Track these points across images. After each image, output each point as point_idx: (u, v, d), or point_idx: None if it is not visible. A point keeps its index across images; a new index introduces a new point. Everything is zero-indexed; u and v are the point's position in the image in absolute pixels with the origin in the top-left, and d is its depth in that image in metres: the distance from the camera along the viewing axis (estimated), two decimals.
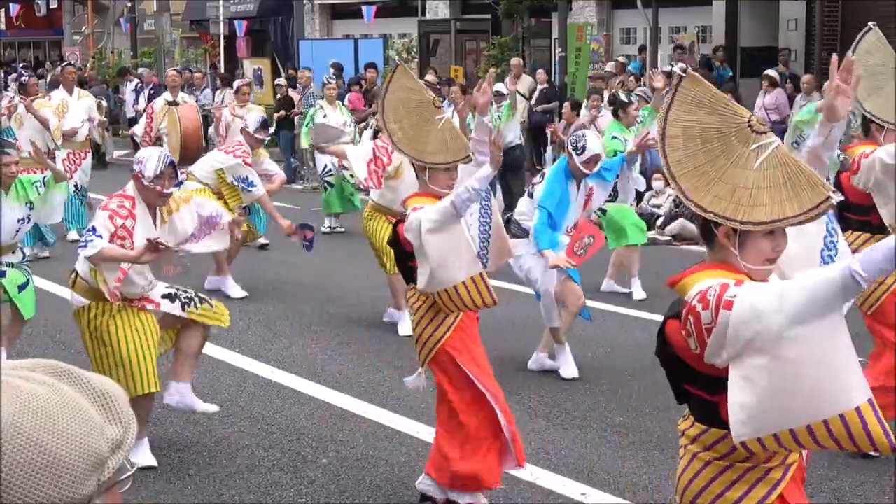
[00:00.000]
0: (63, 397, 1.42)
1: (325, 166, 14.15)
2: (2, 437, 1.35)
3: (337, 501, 5.79)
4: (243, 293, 10.60)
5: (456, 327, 5.51)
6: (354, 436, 6.76)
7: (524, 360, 8.24)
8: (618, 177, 8.49)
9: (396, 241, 5.62)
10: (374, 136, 15.00)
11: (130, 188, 6.09)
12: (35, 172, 10.04)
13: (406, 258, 5.59)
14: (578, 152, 7.75)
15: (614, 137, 10.34)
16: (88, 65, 30.06)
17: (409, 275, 5.61)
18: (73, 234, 13.25)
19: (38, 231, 11.43)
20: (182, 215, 6.26)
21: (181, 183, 6.19)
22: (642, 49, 20.03)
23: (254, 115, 11.11)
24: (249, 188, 10.02)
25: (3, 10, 40.11)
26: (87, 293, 6.11)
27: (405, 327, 9.07)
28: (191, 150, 13.56)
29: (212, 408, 6.59)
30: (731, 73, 18.11)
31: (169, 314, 6.26)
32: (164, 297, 6.24)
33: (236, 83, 14.48)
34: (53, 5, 36.74)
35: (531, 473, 6.07)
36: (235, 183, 10.04)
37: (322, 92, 15.52)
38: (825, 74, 15.88)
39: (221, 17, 26.45)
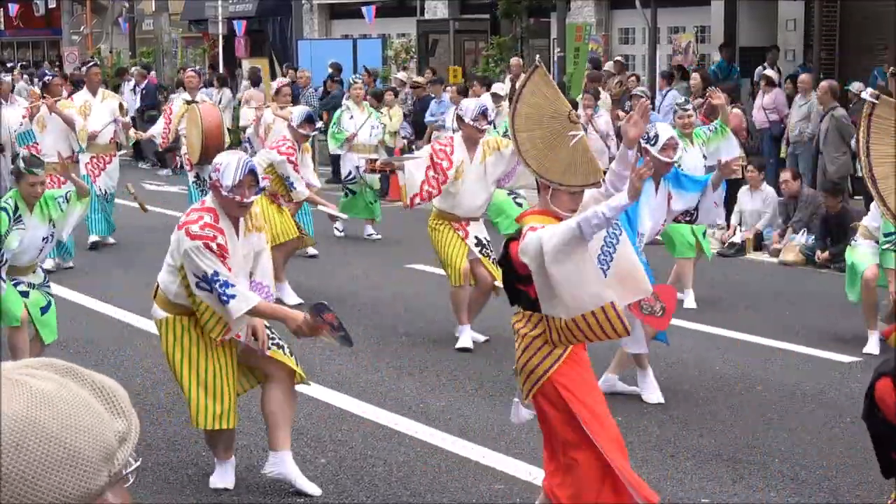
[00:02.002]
0: (71, 392, 1.45)
1: (350, 172, 13.78)
2: (20, 435, 1.38)
3: (335, 501, 5.79)
4: (299, 300, 10.31)
5: (566, 358, 5.03)
6: (353, 436, 6.76)
7: None
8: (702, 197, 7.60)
9: (507, 260, 5.14)
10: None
11: (209, 199, 5.57)
12: (55, 183, 9.81)
13: (516, 280, 5.13)
14: (652, 142, 7.11)
15: None
16: None
17: (516, 297, 5.17)
18: (93, 238, 13.02)
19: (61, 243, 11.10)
20: (263, 238, 5.82)
21: (262, 189, 5.67)
22: (723, 47, 19.03)
23: (298, 108, 10.81)
24: (291, 188, 10.10)
25: (1, 9, 40.09)
26: (168, 306, 5.74)
27: (464, 340, 8.70)
28: (212, 150, 13.29)
29: (314, 489, 5.84)
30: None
31: (250, 351, 5.78)
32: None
33: (275, 84, 13.71)
34: (52, 5, 36.71)
35: (530, 473, 6.08)
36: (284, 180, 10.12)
37: (349, 93, 15.05)
38: (824, 74, 15.93)
39: (220, 17, 26.45)
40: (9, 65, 33.81)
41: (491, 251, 8.63)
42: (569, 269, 4.79)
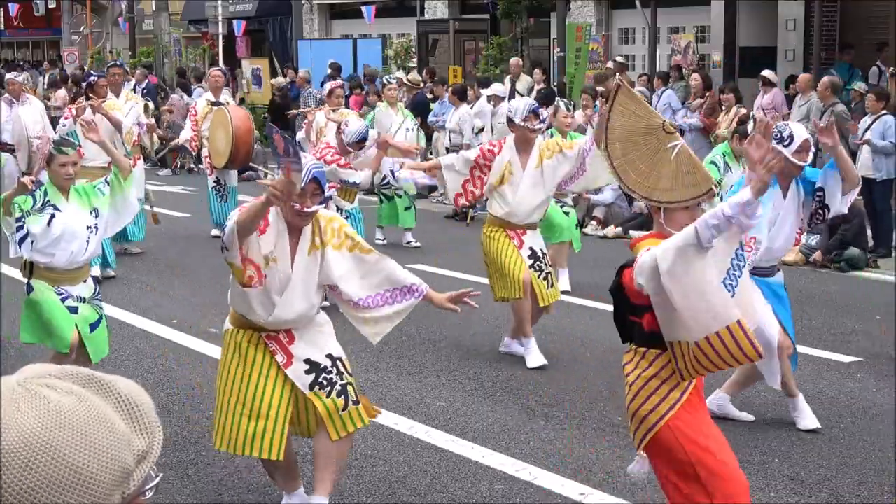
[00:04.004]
0: (91, 408, 1.41)
1: (384, 178, 12.71)
2: (31, 454, 1.35)
3: (335, 501, 5.78)
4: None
5: (684, 402, 4.54)
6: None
7: (523, 360, 8.23)
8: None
9: (619, 289, 4.61)
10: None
11: None
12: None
13: (629, 311, 4.63)
14: (786, 143, 6.44)
15: (712, 163, 8.89)
16: (87, 65, 30.05)
17: (629, 331, 4.69)
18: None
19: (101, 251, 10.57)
20: (343, 257, 5.21)
21: (329, 198, 5.16)
22: (844, 48, 17.89)
23: (355, 124, 9.86)
24: (355, 186, 9.67)
25: (1, 9, 40.09)
26: (232, 317, 5.29)
27: (534, 359, 8.14)
28: (242, 154, 12.79)
29: None
30: None
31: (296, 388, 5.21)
32: (306, 361, 5.21)
33: (328, 86, 12.96)
34: (52, 5, 36.72)
35: (530, 473, 6.08)
36: (343, 184, 9.64)
37: (383, 92, 14.40)
38: (823, 74, 15.92)
39: (220, 17, 26.47)
40: (22, 63, 33.81)
41: (546, 265, 8.27)
42: (687, 285, 4.27)
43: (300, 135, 13.21)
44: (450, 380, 7.91)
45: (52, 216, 6.65)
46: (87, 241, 6.74)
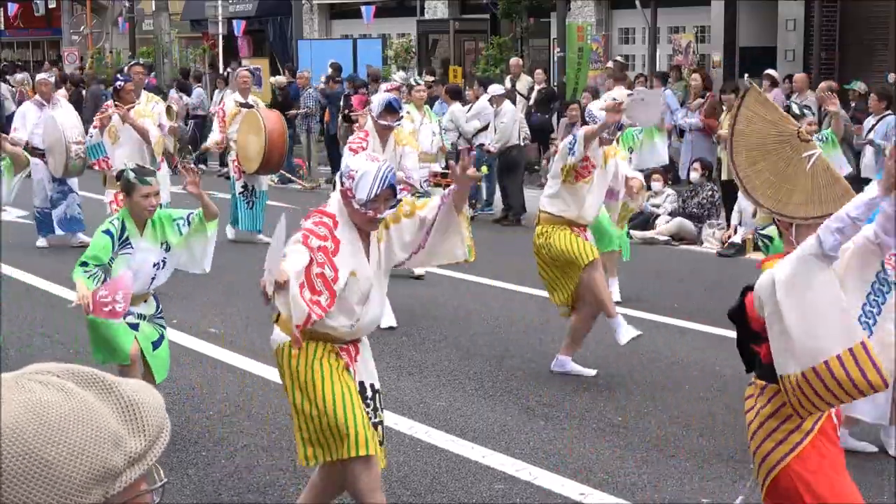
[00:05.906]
0: (77, 405, 1.41)
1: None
2: (4, 443, 1.35)
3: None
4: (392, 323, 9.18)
5: (807, 446, 4.12)
6: None
7: (523, 360, 8.24)
8: None
9: (740, 313, 4.19)
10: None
11: (333, 203, 4.80)
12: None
13: (749, 338, 4.20)
14: None
15: None
16: (87, 64, 30.08)
17: (751, 360, 4.26)
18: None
19: None
20: (402, 227, 4.91)
21: (399, 202, 4.85)
22: None
23: (378, 95, 9.37)
24: None
25: (1, 9, 40.11)
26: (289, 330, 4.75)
27: (626, 332, 7.75)
28: (275, 159, 12.72)
29: None
30: None
31: None
32: (360, 383, 4.91)
33: (384, 86, 11.93)
34: (52, 5, 36.76)
35: (530, 473, 6.08)
36: None
37: (409, 96, 13.17)
38: (823, 75, 15.95)
39: (220, 17, 26.47)
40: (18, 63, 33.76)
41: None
42: (806, 301, 3.84)
43: (351, 138, 12.50)
44: (450, 380, 7.91)
45: (130, 256, 6.21)
46: (153, 278, 6.38)
